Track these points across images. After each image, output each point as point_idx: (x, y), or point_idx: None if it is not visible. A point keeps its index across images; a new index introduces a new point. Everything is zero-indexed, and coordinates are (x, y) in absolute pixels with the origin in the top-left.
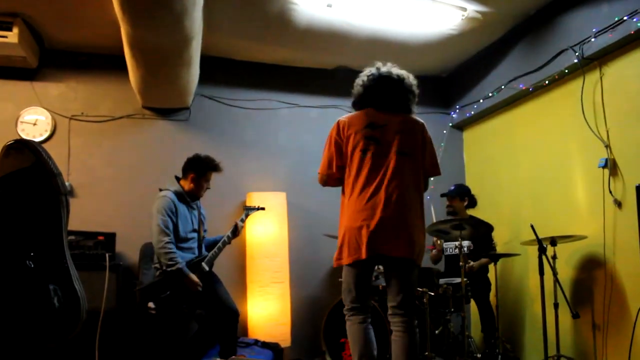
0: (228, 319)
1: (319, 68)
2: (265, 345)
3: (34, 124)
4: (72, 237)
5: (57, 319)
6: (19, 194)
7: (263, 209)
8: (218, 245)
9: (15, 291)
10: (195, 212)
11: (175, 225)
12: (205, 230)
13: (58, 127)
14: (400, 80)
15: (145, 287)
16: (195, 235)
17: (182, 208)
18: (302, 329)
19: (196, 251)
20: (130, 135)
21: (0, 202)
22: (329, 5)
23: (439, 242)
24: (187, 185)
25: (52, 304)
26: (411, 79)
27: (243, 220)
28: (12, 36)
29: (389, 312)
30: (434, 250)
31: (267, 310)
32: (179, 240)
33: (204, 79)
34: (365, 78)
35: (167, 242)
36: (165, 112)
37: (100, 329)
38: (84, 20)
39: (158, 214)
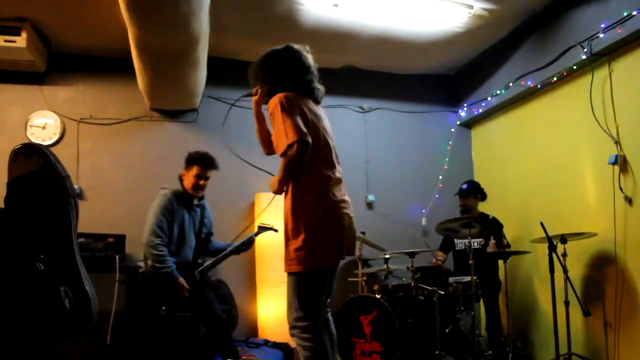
0: (216, 328)
1: (325, 67)
2: (275, 345)
3: (43, 127)
4: (81, 240)
5: (68, 320)
6: (28, 198)
7: (276, 230)
8: (220, 256)
9: (26, 293)
10: (196, 214)
11: (170, 226)
12: (211, 234)
13: (67, 130)
14: None
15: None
16: (192, 238)
17: (179, 209)
18: None
19: (190, 254)
20: (138, 138)
21: (10, 206)
22: (335, 5)
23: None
24: (185, 183)
25: (63, 305)
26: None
27: (256, 234)
28: (21, 41)
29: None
30: (441, 258)
31: (277, 310)
32: (173, 241)
33: (211, 80)
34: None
35: (158, 244)
36: (173, 114)
37: (111, 330)
38: (92, 23)
39: (153, 213)
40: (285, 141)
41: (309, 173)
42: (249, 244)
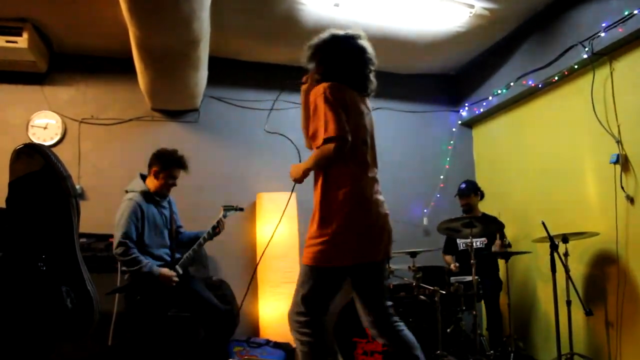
0: (218, 320)
1: None
2: (277, 345)
3: (45, 127)
4: (83, 240)
5: (70, 320)
6: (30, 198)
7: (242, 209)
8: (193, 248)
9: (28, 293)
10: (166, 211)
11: (142, 231)
12: (180, 227)
13: (68, 130)
14: None
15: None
16: (166, 235)
17: (149, 209)
18: None
19: (168, 252)
20: (139, 138)
21: (12, 206)
22: (336, 5)
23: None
24: (151, 182)
25: (65, 305)
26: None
27: (225, 217)
28: (22, 41)
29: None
30: (453, 267)
31: (278, 310)
32: (146, 245)
33: (212, 81)
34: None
35: (126, 249)
36: (174, 114)
37: (113, 331)
38: (93, 24)
39: (121, 222)
40: (324, 134)
41: (340, 169)
42: (218, 227)
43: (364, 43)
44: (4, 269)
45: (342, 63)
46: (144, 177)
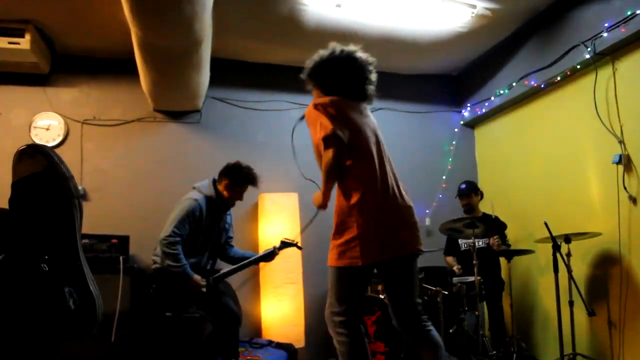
0: (229, 322)
1: None
2: (279, 346)
3: (47, 129)
4: (86, 241)
5: (73, 321)
6: (33, 198)
7: (300, 248)
8: (239, 265)
9: (30, 294)
10: (223, 223)
11: (194, 233)
12: (230, 237)
13: (71, 131)
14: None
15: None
16: (215, 244)
17: (208, 216)
18: (316, 329)
19: (207, 260)
20: (142, 139)
21: (15, 207)
22: (338, 5)
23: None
24: (222, 191)
25: (68, 306)
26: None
27: (279, 249)
28: (25, 43)
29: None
30: (456, 269)
31: (280, 311)
32: (194, 246)
33: (214, 81)
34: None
35: (174, 242)
36: (176, 115)
37: (115, 331)
38: (95, 25)
39: (178, 216)
40: (321, 136)
41: (351, 174)
42: (270, 257)
43: (353, 53)
44: (6, 270)
45: (337, 80)
46: (215, 183)
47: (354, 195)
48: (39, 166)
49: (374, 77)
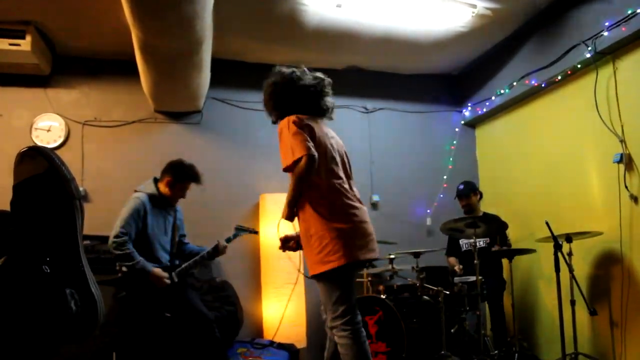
0: (202, 326)
1: (329, 68)
2: (280, 346)
3: (48, 130)
4: (87, 242)
5: (74, 322)
6: (34, 200)
7: (257, 232)
8: (194, 259)
9: (32, 296)
10: (171, 218)
11: (142, 231)
12: (183, 235)
13: (71, 132)
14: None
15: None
16: (167, 241)
17: (153, 212)
18: (318, 329)
19: (167, 257)
20: (143, 140)
21: (16, 209)
22: (339, 6)
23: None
24: (163, 188)
25: (69, 307)
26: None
27: (229, 241)
28: (25, 44)
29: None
30: (457, 269)
31: (282, 311)
32: (147, 246)
33: (215, 82)
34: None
35: (125, 242)
36: (177, 116)
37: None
38: (96, 26)
39: (124, 215)
40: (292, 157)
41: (319, 185)
42: (221, 249)
43: (295, 73)
44: (8, 272)
45: (292, 101)
46: (156, 181)
47: (325, 205)
48: (40, 168)
49: (327, 91)
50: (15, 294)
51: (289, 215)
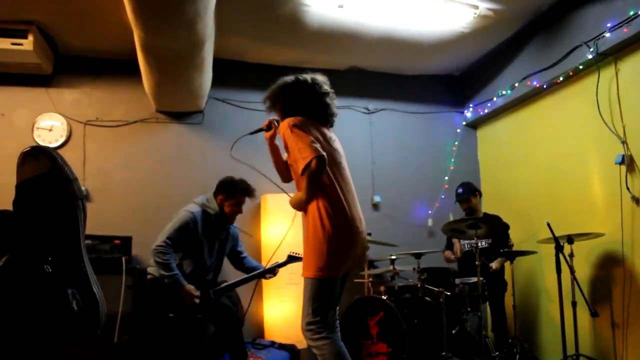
0: (230, 326)
1: (331, 69)
2: (282, 346)
3: (50, 129)
4: (88, 241)
5: (75, 322)
6: (36, 200)
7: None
8: (237, 281)
9: (33, 296)
10: (223, 236)
11: (191, 245)
12: (239, 252)
13: (73, 132)
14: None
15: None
16: (213, 260)
17: (204, 229)
18: None
19: (208, 276)
20: (144, 140)
21: (19, 209)
22: (340, 6)
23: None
24: (227, 210)
25: (71, 308)
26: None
27: (285, 263)
28: (28, 44)
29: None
30: (452, 256)
31: (283, 311)
32: (195, 260)
33: (216, 82)
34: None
35: (164, 251)
36: (179, 116)
37: (118, 332)
38: (98, 26)
39: (172, 226)
40: (303, 161)
41: (325, 190)
42: (274, 271)
43: (316, 79)
44: (10, 271)
45: (300, 104)
46: (217, 201)
47: (332, 211)
48: (42, 168)
49: (334, 103)
50: (16, 294)
51: (304, 209)
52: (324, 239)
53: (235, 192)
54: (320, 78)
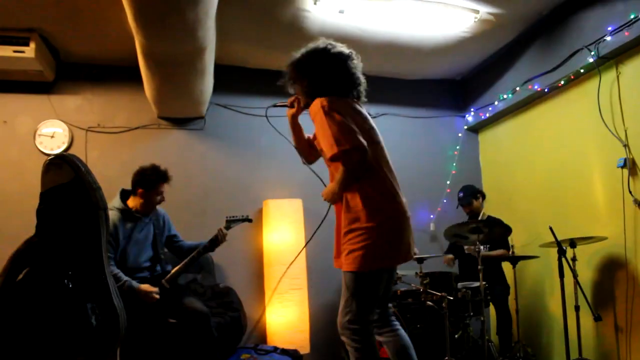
0: (198, 322)
1: None
2: (284, 352)
3: (52, 136)
4: None
5: (94, 337)
6: (59, 210)
7: (250, 220)
8: (184, 262)
9: (52, 312)
10: (149, 226)
11: (123, 248)
12: (175, 236)
13: (75, 139)
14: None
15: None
16: (148, 251)
17: (127, 227)
18: (321, 335)
19: (151, 267)
20: (146, 146)
21: (42, 218)
22: (341, 12)
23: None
24: (136, 201)
25: (90, 323)
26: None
27: (226, 229)
28: (29, 51)
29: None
30: (450, 262)
31: (285, 317)
32: (128, 261)
33: (218, 88)
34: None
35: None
36: (180, 122)
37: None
38: (99, 33)
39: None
40: (337, 148)
41: (371, 174)
42: (218, 240)
43: (346, 50)
44: (29, 286)
45: (329, 74)
46: (123, 194)
47: (377, 196)
48: (66, 177)
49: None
50: (35, 309)
51: (336, 201)
52: (372, 227)
53: (155, 183)
54: (349, 51)
